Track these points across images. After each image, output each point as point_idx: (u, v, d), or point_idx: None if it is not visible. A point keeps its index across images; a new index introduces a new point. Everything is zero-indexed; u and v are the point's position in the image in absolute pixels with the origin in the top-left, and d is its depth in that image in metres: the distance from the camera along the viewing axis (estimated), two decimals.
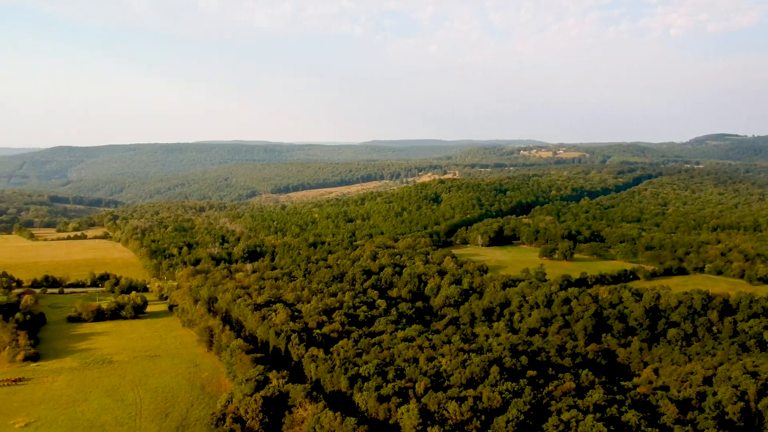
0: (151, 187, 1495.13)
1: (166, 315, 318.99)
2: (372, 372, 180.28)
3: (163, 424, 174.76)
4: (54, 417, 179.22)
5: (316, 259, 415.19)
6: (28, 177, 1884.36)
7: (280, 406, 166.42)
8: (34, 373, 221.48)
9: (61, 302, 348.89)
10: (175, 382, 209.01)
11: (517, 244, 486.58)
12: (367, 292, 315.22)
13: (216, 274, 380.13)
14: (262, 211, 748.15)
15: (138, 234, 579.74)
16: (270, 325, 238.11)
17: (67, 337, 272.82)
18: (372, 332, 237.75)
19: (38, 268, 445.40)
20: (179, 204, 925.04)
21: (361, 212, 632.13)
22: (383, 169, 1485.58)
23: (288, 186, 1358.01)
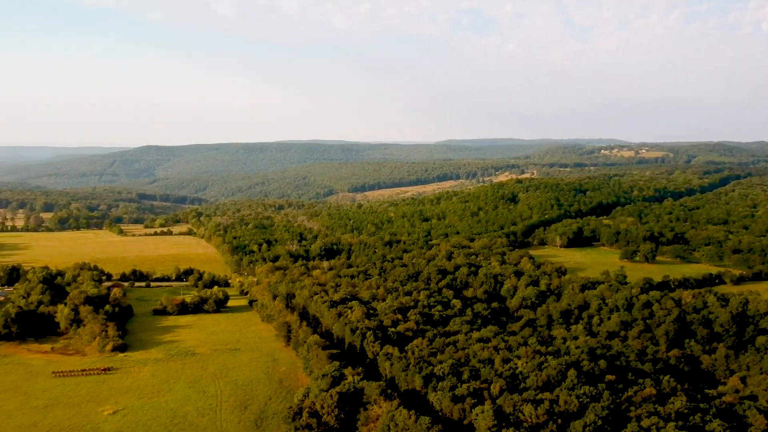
0: (233, 186, 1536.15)
1: (246, 310, 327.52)
2: (447, 372, 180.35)
3: (242, 416, 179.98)
4: (139, 406, 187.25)
5: (391, 258, 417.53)
6: (118, 175, 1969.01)
7: (355, 403, 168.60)
8: (122, 363, 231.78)
9: (148, 295, 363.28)
10: (254, 375, 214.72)
11: (597, 245, 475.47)
12: (442, 292, 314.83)
13: (294, 270, 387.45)
14: (338, 210, 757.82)
15: (220, 231, 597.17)
16: (346, 322, 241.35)
17: (153, 329, 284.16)
18: (447, 332, 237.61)
19: (126, 262, 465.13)
20: (259, 202, 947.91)
21: (436, 211, 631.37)
22: (459, 168, 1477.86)
23: (364, 185, 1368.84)
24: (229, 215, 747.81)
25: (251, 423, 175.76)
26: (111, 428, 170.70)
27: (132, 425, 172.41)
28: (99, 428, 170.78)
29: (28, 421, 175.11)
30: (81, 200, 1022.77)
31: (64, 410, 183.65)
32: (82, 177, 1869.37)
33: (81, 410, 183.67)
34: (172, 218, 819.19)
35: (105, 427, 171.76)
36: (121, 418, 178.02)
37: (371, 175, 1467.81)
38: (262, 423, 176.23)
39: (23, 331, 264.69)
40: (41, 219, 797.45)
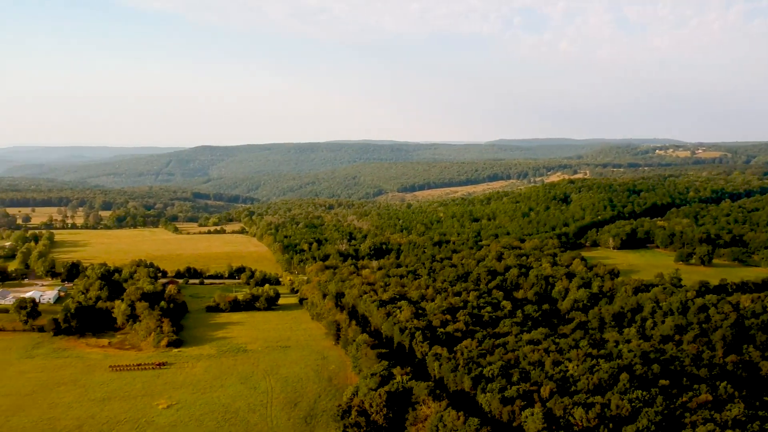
0: (285, 185, 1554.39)
1: (296, 308, 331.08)
2: (496, 373, 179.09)
3: (292, 413, 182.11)
4: (193, 400, 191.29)
5: (440, 258, 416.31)
6: (173, 174, 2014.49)
7: (403, 402, 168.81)
8: (176, 358, 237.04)
9: (201, 292, 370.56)
10: (304, 373, 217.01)
11: (651, 247, 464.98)
12: (492, 293, 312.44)
13: (343, 269, 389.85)
14: (388, 210, 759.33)
15: (272, 229, 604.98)
16: (394, 322, 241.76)
17: (206, 326, 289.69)
18: (496, 333, 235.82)
19: (181, 259, 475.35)
20: (310, 201, 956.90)
21: (486, 212, 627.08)
22: (510, 168, 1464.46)
23: (414, 185, 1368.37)
24: (280, 214, 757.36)
25: (301, 420, 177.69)
26: (165, 422, 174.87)
27: (185, 419, 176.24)
28: (154, 422, 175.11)
29: (86, 414, 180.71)
30: (138, 199, 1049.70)
31: (120, 403, 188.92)
32: (139, 176, 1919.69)
33: (136, 404, 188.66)
34: (225, 217, 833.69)
35: (159, 420, 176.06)
36: (175, 412, 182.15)
37: (421, 175, 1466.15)
38: (312, 420, 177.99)
39: (82, 326, 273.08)
40: (100, 217, 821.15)
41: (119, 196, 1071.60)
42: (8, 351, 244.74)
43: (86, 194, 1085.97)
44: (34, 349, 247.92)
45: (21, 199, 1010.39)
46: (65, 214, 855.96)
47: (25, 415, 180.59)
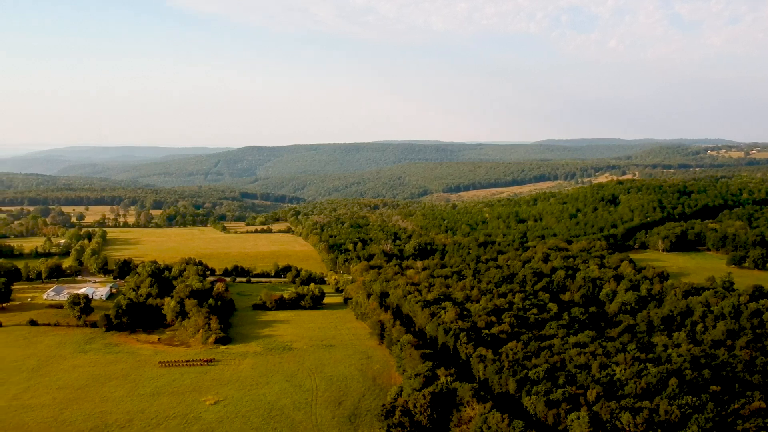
0: (330, 185, 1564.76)
1: (341, 307, 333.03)
2: (541, 376, 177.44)
3: (336, 412, 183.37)
4: (239, 397, 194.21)
5: (486, 259, 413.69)
6: (222, 174, 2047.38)
7: (447, 403, 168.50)
8: (223, 355, 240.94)
9: (248, 290, 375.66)
10: (348, 372, 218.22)
11: (702, 250, 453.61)
12: (538, 295, 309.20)
13: (388, 269, 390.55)
14: (433, 210, 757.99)
15: (317, 229, 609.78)
16: (439, 323, 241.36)
17: (253, 323, 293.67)
18: (542, 335, 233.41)
19: (229, 258, 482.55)
20: (355, 201, 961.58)
21: (533, 213, 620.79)
22: (557, 168, 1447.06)
23: (459, 185, 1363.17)
24: (325, 214, 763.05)
25: (345, 419, 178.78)
26: (212, 418, 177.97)
27: (232, 416, 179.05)
28: (201, 417, 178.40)
29: (136, 408, 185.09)
30: (188, 198, 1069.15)
31: (169, 398, 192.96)
32: (188, 176, 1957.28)
33: (185, 399, 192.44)
34: (272, 216, 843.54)
35: (207, 416, 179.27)
36: (222, 408, 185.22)
37: (466, 175, 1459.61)
38: (356, 419, 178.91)
39: (133, 322, 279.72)
40: (151, 216, 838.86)
41: (170, 196, 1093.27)
42: (62, 345, 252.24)
43: (138, 193, 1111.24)
44: (87, 344, 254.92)
45: (75, 198, 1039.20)
46: (117, 213, 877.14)
47: (78, 407, 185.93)
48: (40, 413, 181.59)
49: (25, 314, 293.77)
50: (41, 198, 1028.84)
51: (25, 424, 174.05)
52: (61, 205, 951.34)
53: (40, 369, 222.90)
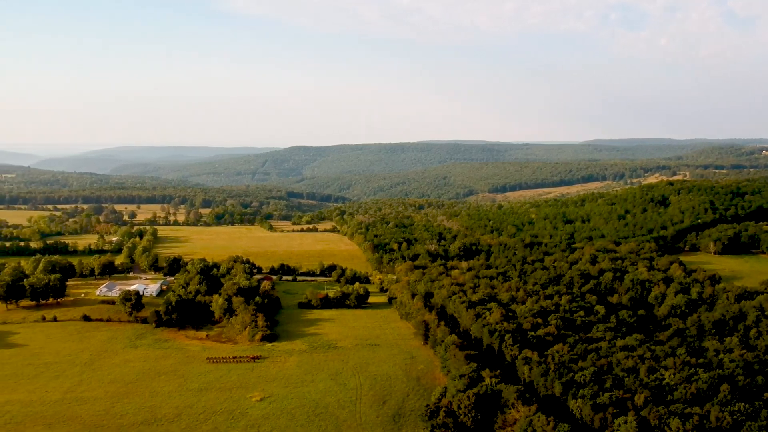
0: (375, 185, 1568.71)
1: (385, 306, 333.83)
2: (588, 379, 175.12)
3: (380, 411, 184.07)
4: (285, 394, 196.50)
5: (532, 260, 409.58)
6: (269, 174, 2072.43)
7: (491, 405, 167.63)
8: (270, 352, 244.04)
9: (294, 289, 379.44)
10: (392, 371, 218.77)
11: (756, 253, 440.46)
12: (585, 297, 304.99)
13: (432, 270, 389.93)
14: (478, 210, 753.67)
15: (362, 229, 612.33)
16: (484, 324, 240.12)
17: (298, 321, 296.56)
18: (589, 338, 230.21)
19: (275, 256, 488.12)
20: (400, 201, 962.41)
21: (580, 213, 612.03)
22: (605, 169, 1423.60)
23: (505, 185, 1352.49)
24: (370, 214, 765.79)
25: (389, 418, 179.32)
26: (258, 414, 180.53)
27: (277, 412, 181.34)
28: (248, 413, 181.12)
29: (184, 403, 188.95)
30: (235, 197, 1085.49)
31: (216, 394, 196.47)
32: (237, 175, 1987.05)
33: (232, 395, 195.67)
34: (318, 216, 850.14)
35: (253, 412, 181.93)
36: (268, 405, 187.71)
37: (512, 175, 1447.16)
38: (400, 419, 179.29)
39: (182, 319, 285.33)
40: (200, 214, 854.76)
41: (218, 195, 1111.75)
42: (114, 340, 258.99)
43: (187, 192, 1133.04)
44: (138, 340, 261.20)
45: (127, 197, 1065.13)
46: (168, 211, 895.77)
47: (128, 401, 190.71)
48: (92, 406, 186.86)
49: (79, 309, 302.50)
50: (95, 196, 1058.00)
51: (79, 416, 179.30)
52: (114, 203, 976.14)
53: (93, 363, 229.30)
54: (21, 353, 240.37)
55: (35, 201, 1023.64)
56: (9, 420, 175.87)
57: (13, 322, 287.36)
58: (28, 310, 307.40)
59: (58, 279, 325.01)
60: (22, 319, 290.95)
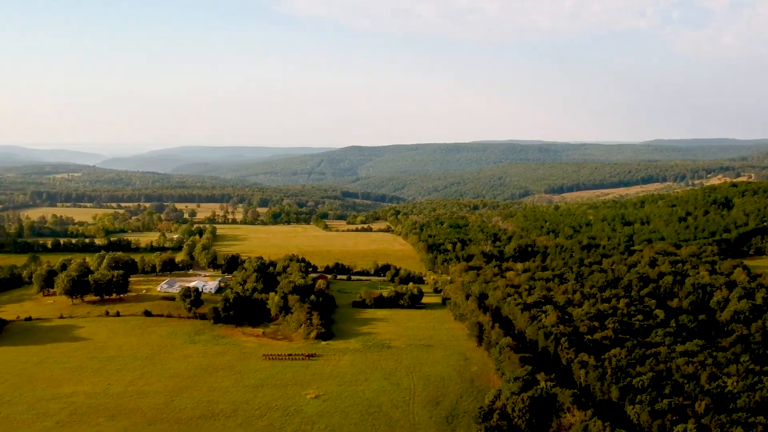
0: (429, 185, 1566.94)
1: (439, 307, 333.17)
2: (646, 384, 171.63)
3: (433, 412, 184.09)
4: (339, 392, 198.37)
5: (589, 263, 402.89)
6: (324, 174, 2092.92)
7: (546, 409, 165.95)
8: (324, 350, 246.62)
9: (348, 288, 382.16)
10: (446, 372, 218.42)
11: None
12: (644, 301, 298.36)
13: (487, 271, 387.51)
14: (534, 211, 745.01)
15: (416, 229, 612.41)
16: (539, 326, 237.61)
17: (352, 321, 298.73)
18: (647, 343, 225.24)
19: (330, 255, 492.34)
20: (454, 201, 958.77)
21: (639, 215, 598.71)
22: (666, 170, 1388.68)
23: (562, 186, 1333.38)
24: (425, 214, 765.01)
25: (442, 419, 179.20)
26: (313, 411, 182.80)
27: (331, 410, 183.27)
28: (302, 410, 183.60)
29: (241, 399, 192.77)
30: (292, 197, 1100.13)
31: (272, 391, 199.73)
32: (293, 175, 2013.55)
33: (287, 392, 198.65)
34: (372, 215, 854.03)
35: (308, 409, 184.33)
36: (322, 402, 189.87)
37: (569, 176, 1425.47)
38: (453, 420, 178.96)
39: (239, 315, 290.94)
40: (257, 213, 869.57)
41: (275, 194, 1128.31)
42: (174, 336, 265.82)
43: (245, 192, 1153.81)
44: (197, 335, 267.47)
45: (188, 196, 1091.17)
46: (226, 210, 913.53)
47: (187, 396, 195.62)
48: (153, 399, 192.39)
49: (141, 305, 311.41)
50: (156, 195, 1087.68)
51: (140, 409, 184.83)
52: (175, 201, 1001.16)
53: (153, 357, 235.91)
54: (86, 347, 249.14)
55: (100, 199, 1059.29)
56: (74, 411, 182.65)
57: (78, 316, 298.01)
58: (92, 304, 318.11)
59: (121, 275, 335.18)
60: (86, 314, 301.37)
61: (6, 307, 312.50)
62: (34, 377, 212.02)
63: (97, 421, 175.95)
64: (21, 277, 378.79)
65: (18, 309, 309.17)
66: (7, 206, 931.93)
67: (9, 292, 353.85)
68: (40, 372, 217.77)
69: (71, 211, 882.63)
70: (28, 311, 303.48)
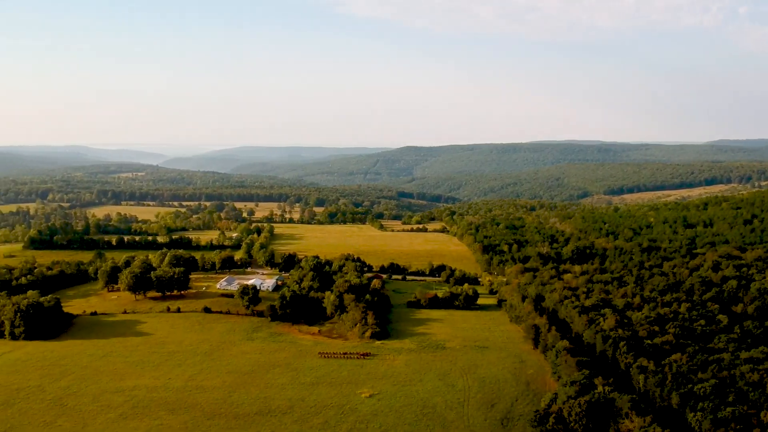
0: (486, 185, 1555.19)
1: (494, 309, 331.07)
2: (708, 392, 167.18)
3: (488, 414, 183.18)
4: (393, 392, 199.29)
5: (649, 266, 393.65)
6: (380, 174, 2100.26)
7: (604, 414, 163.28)
8: (379, 350, 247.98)
9: (403, 288, 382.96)
10: (501, 374, 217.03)
11: None
12: (706, 305, 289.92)
13: (544, 273, 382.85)
14: (593, 213, 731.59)
15: (472, 229, 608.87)
16: (597, 330, 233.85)
17: (407, 321, 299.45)
18: (710, 348, 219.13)
19: (385, 255, 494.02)
20: (511, 202, 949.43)
21: (702, 218, 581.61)
22: (731, 171, 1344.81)
23: (622, 187, 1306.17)
24: (480, 214, 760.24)
25: (497, 422, 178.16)
26: (367, 410, 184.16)
27: (386, 410, 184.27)
28: (357, 409, 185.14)
29: (297, 396, 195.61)
30: (348, 196, 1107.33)
31: (327, 389, 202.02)
32: (349, 175, 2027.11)
33: (342, 390, 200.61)
34: (427, 216, 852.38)
35: (362, 408, 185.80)
36: (377, 402, 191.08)
37: (630, 177, 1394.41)
38: (508, 423, 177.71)
39: (295, 313, 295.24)
40: (314, 212, 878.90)
41: (331, 194, 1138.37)
42: (233, 332, 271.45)
43: (302, 191, 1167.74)
44: (254, 332, 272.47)
45: (246, 195, 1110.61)
46: (284, 209, 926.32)
47: (245, 391, 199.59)
48: (211, 394, 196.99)
49: (201, 302, 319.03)
50: (216, 194, 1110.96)
51: (198, 403, 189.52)
52: (234, 201, 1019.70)
53: (212, 353, 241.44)
54: (147, 341, 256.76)
55: (162, 198, 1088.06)
56: (136, 404, 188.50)
57: (141, 311, 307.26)
58: (154, 300, 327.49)
59: (182, 272, 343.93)
60: (149, 309, 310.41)
61: (73, 302, 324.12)
62: (99, 370, 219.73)
63: (158, 414, 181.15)
64: (87, 273, 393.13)
65: (84, 304, 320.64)
66: (75, 204, 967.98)
67: (76, 288, 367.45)
68: (105, 365, 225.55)
69: (135, 209, 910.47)
70: (93, 306, 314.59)
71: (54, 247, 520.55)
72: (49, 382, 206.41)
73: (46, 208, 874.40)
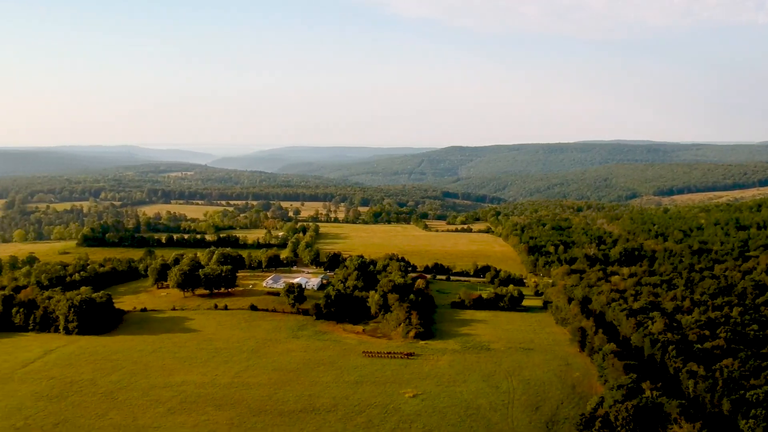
0: (531, 186, 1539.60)
1: (540, 310, 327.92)
2: (761, 398, 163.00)
3: (533, 416, 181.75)
4: (437, 393, 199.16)
5: (700, 268, 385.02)
6: (425, 174, 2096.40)
7: (652, 419, 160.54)
8: (422, 350, 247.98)
9: (447, 288, 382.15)
10: (546, 377, 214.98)
11: None
12: (760, 310, 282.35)
13: (591, 274, 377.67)
14: (641, 214, 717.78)
15: (517, 230, 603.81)
16: (645, 333, 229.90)
17: (451, 321, 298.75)
18: (763, 354, 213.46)
19: (429, 255, 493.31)
20: (557, 203, 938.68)
21: (756, 219, 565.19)
22: None
23: (672, 188, 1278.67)
24: (526, 215, 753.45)
25: (542, 425, 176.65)
26: (411, 410, 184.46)
27: (429, 410, 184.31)
28: (400, 409, 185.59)
29: (341, 394, 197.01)
30: (392, 196, 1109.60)
31: (371, 388, 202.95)
32: (393, 175, 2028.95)
33: (385, 389, 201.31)
34: (472, 216, 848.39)
35: (406, 408, 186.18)
36: (420, 402, 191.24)
37: (680, 177, 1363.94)
38: (553, 426, 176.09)
39: (340, 312, 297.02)
40: (359, 212, 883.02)
41: (376, 194, 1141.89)
42: (278, 330, 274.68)
43: (347, 191, 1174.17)
44: (299, 330, 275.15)
45: (292, 194, 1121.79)
46: (329, 209, 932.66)
47: (289, 389, 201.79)
48: (256, 391, 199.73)
49: (247, 299, 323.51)
50: (263, 193, 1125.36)
51: (244, 400, 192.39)
52: (280, 200, 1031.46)
53: (258, 350, 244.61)
54: (195, 338, 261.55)
55: (210, 197, 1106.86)
56: (184, 399, 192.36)
57: (189, 308, 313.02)
58: (202, 298, 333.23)
59: (229, 270, 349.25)
60: (197, 306, 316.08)
61: (124, 298, 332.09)
62: (148, 365, 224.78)
63: (205, 410, 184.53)
64: (137, 270, 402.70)
65: (134, 300, 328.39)
66: (126, 203, 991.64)
67: (127, 284, 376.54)
68: (154, 361, 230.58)
69: (184, 208, 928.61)
70: (143, 302, 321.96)
71: (106, 245, 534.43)
72: (101, 376, 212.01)
73: (98, 207, 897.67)
